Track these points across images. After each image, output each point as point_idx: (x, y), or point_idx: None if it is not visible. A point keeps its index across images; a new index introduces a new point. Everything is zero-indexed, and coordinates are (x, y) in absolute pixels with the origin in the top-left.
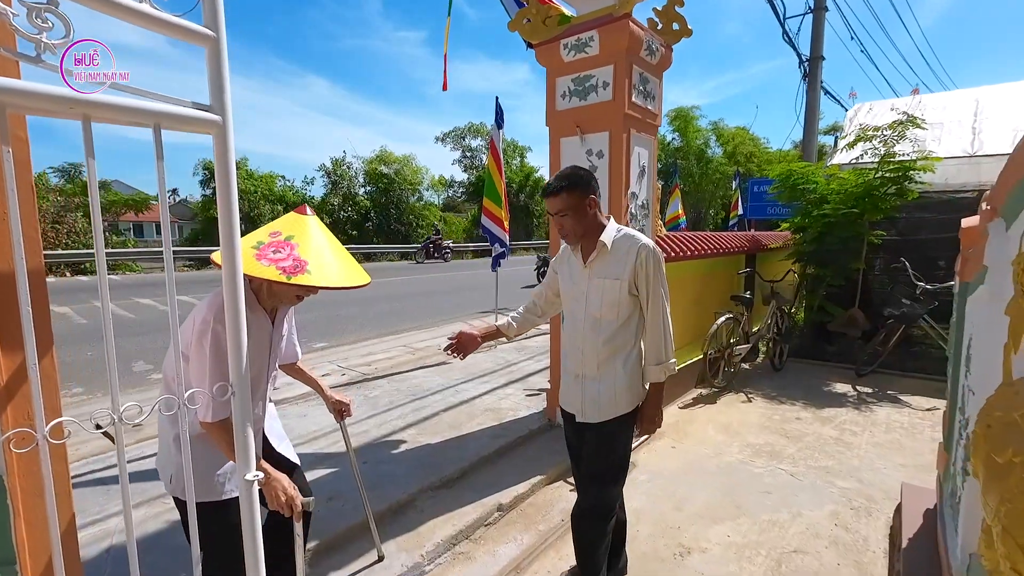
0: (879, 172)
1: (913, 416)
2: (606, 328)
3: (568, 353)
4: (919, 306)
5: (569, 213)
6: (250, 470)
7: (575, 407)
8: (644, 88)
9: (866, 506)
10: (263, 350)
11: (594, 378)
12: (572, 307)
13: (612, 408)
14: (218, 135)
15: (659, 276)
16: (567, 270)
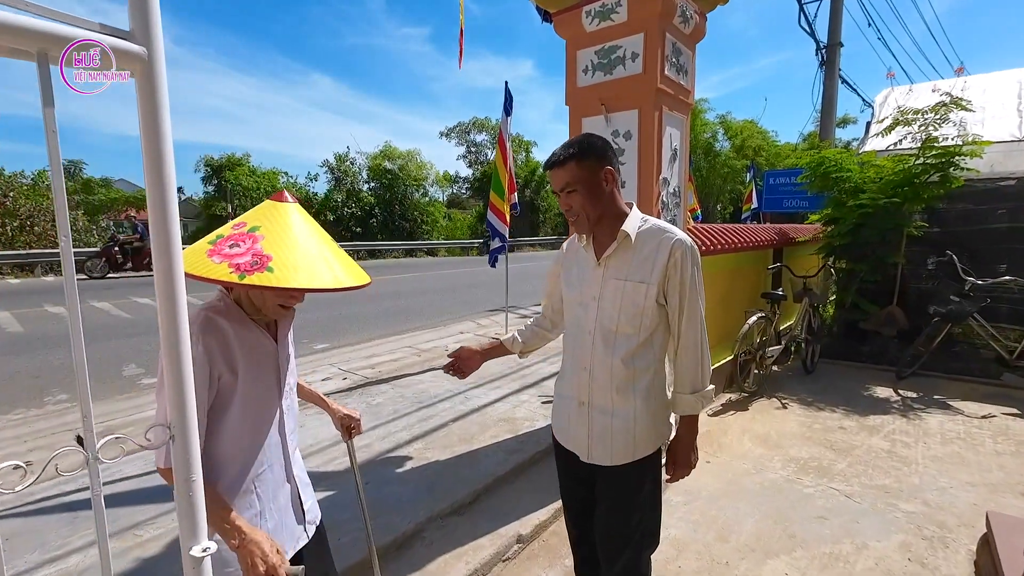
0: (920, 158)
1: (969, 425)
2: (623, 344)
3: (569, 373)
4: (968, 303)
5: (578, 188)
6: (197, 541)
7: (578, 444)
8: (677, 60)
9: (940, 535)
10: (270, 377)
11: (605, 409)
12: (578, 315)
13: (629, 449)
14: (142, 75)
15: (697, 281)
16: (574, 268)
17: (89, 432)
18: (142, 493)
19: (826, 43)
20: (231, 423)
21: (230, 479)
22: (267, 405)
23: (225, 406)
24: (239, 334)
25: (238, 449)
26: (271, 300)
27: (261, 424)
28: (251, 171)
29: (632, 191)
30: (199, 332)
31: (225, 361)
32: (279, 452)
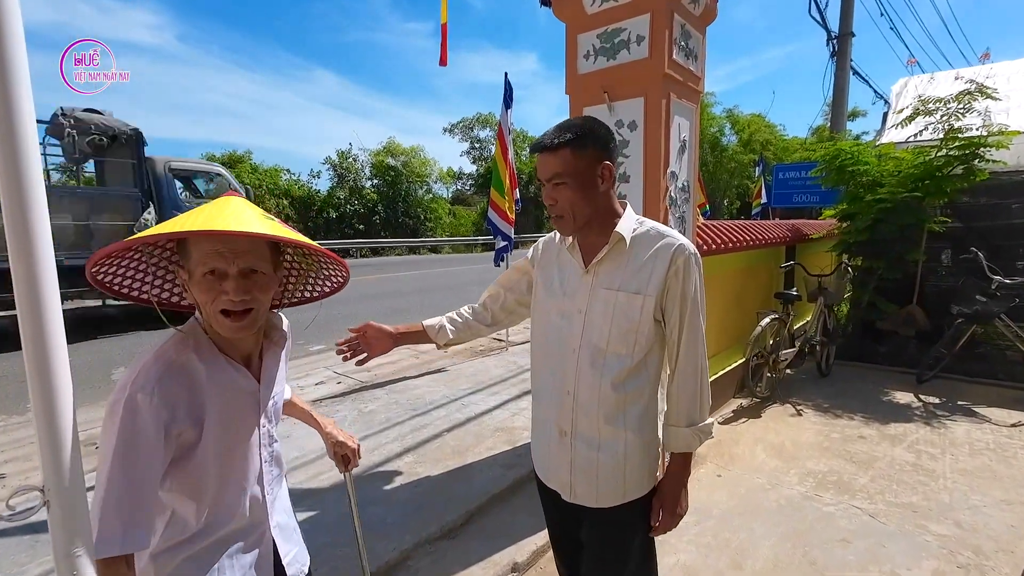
0: (943, 150)
1: (998, 434)
2: (614, 366)
3: (547, 395)
4: (995, 303)
5: (569, 181)
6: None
7: (559, 480)
8: (686, 44)
9: (976, 563)
10: (247, 422)
11: (591, 440)
12: (558, 327)
13: (619, 490)
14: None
15: (700, 295)
16: (554, 273)
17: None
18: None
19: (837, 33)
20: (191, 480)
21: (188, 542)
22: (241, 455)
23: (184, 463)
24: (211, 375)
25: (201, 508)
26: (209, 309)
27: (232, 477)
28: (253, 168)
29: (638, 186)
30: (155, 385)
31: (188, 413)
32: (255, 507)
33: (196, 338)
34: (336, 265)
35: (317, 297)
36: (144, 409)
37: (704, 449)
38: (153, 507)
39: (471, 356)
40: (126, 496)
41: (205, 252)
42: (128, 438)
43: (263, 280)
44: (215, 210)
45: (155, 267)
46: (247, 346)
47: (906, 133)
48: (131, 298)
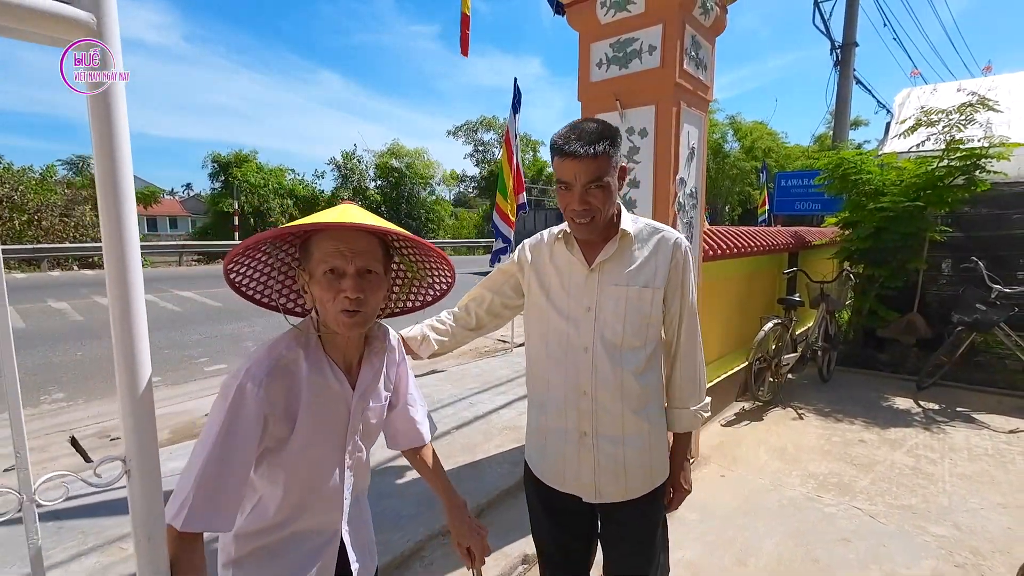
0: (944, 160)
1: (996, 440)
2: (631, 360)
3: (558, 401)
4: (995, 312)
5: (608, 183)
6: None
7: (581, 484)
8: (696, 54)
9: (974, 563)
10: (335, 426)
11: (615, 438)
12: (561, 329)
13: (647, 479)
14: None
15: (695, 283)
16: (551, 276)
17: (23, 469)
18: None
19: (841, 42)
20: (278, 472)
21: (268, 529)
22: (325, 457)
23: (275, 455)
24: (310, 376)
25: (282, 500)
26: (329, 308)
27: (313, 477)
28: (258, 168)
29: (647, 191)
30: (265, 377)
31: (286, 409)
32: (331, 510)
33: (308, 337)
34: (442, 271)
35: (419, 307)
36: (250, 398)
37: (707, 451)
38: (239, 496)
39: (477, 357)
40: (218, 481)
41: (326, 251)
42: (231, 425)
43: (376, 280)
44: (338, 212)
45: (278, 271)
46: (350, 352)
47: (908, 143)
48: (253, 300)
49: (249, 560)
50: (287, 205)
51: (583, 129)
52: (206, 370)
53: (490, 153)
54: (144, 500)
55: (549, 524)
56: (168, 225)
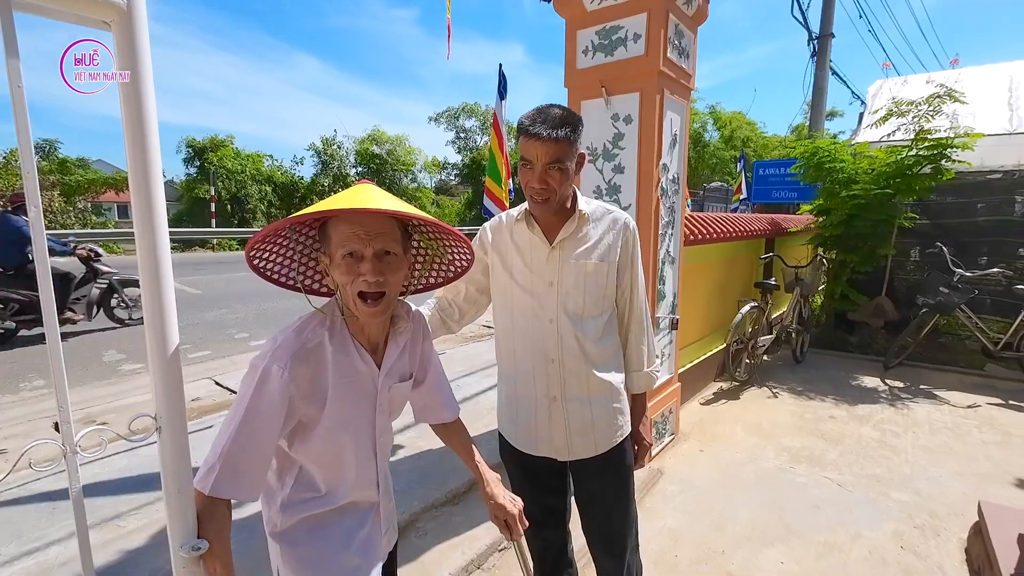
0: (913, 150)
1: (955, 415)
2: (592, 327)
3: (528, 370)
4: (957, 295)
5: (565, 166)
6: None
7: (554, 445)
8: (679, 43)
9: (931, 524)
10: (362, 406)
11: (581, 398)
12: (527, 304)
13: (613, 432)
14: (121, 28)
15: (640, 259)
16: (511, 253)
17: (66, 423)
18: (126, 483)
19: (818, 33)
20: (314, 450)
21: (311, 505)
22: (356, 436)
23: (308, 433)
24: (336, 358)
25: (322, 476)
26: (348, 291)
27: (347, 455)
28: (235, 153)
29: (632, 177)
30: (290, 360)
31: (313, 391)
32: (368, 485)
33: (333, 319)
34: (460, 249)
35: (441, 283)
36: (275, 380)
37: (688, 428)
38: (263, 469)
39: (463, 342)
40: (243, 452)
41: (343, 235)
42: (256, 403)
43: (396, 262)
44: (352, 194)
45: (299, 254)
46: (375, 332)
47: (880, 133)
48: (278, 283)
49: (296, 532)
50: (265, 192)
51: (549, 114)
52: (189, 356)
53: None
54: (173, 454)
55: (529, 487)
56: None
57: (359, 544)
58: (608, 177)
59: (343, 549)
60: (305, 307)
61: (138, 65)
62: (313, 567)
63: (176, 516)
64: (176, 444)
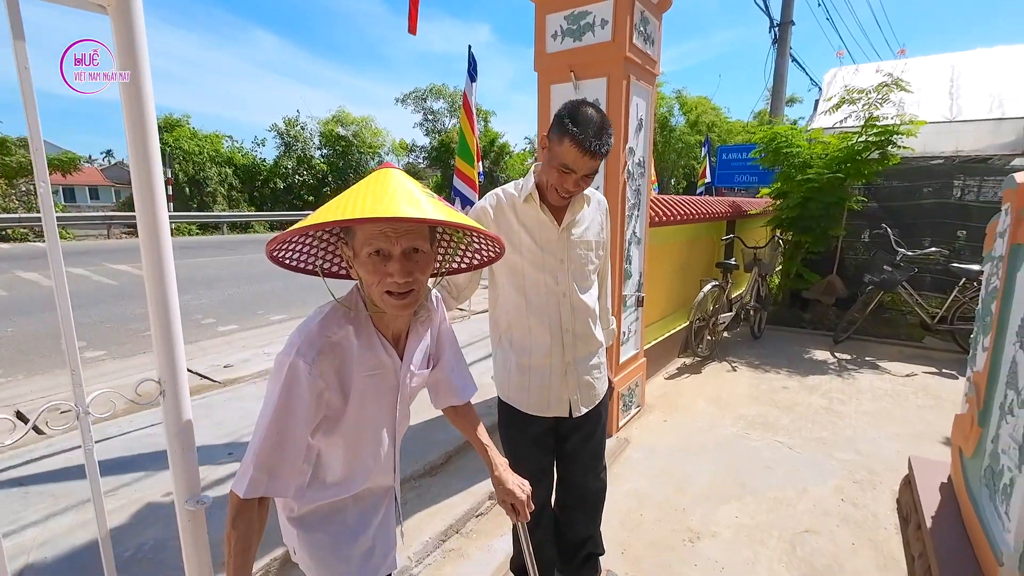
0: (862, 136)
1: (895, 383)
2: (590, 296)
3: (543, 341)
4: (899, 273)
5: (593, 176)
6: (191, 495)
7: (563, 407)
8: (645, 30)
9: (869, 479)
10: (385, 397)
11: (587, 360)
12: (543, 281)
13: (604, 384)
14: (118, 13)
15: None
16: (519, 233)
17: (78, 386)
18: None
19: (779, 21)
20: (338, 441)
21: (330, 492)
22: (378, 426)
23: (332, 426)
24: (361, 352)
25: (340, 465)
26: (374, 290)
27: (367, 444)
28: (192, 134)
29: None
30: (316, 355)
31: (339, 384)
32: (386, 473)
33: (356, 311)
34: (488, 242)
35: (465, 269)
36: (303, 376)
37: (652, 400)
38: (298, 464)
39: None
40: (275, 451)
41: (370, 232)
42: (286, 400)
43: (424, 259)
44: (378, 188)
45: (318, 239)
46: (400, 324)
47: (833, 119)
48: (300, 270)
49: (310, 519)
50: (226, 174)
51: (603, 130)
52: None
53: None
54: (175, 414)
55: (533, 450)
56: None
57: (374, 529)
58: None
59: (358, 534)
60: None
61: (135, 48)
62: (328, 550)
63: (180, 474)
64: (178, 406)
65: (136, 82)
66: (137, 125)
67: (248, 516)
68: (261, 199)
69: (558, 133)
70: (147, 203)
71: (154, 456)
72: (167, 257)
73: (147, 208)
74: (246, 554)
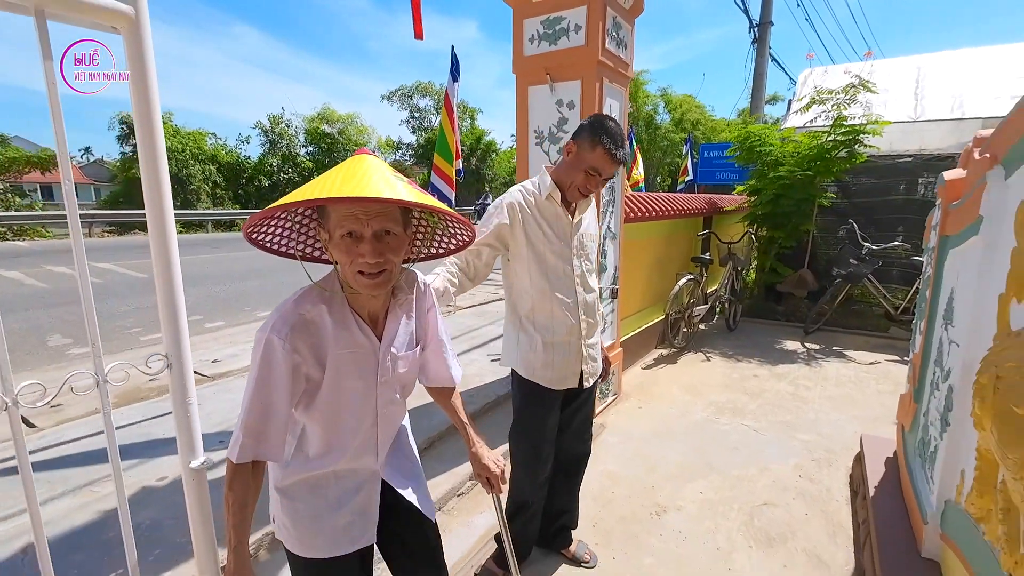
0: (831, 135)
1: (859, 371)
2: (594, 281)
3: (564, 321)
4: (865, 266)
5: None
6: (195, 456)
7: (576, 378)
8: (617, 34)
9: (827, 457)
10: (364, 377)
11: (592, 336)
12: (559, 267)
13: (600, 357)
14: (129, 33)
15: None
16: (541, 225)
17: (98, 357)
18: (91, 455)
19: (758, 21)
20: (316, 416)
21: (310, 465)
22: (356, 404)
23: (310, 400)
24: (336, 330)
25: (320, 438)
26: (347, 270)
27: (346, 420)
28: (175, 131)
29: None
30: (289, 331)
31: (314, 358)
32: (366, 453)
33: (332, 292)
34: (460, 227)
35: (443, 254)
36: (278, 350)
37: (629, 389)
38: (283, 429)
39: None
40: (261, 422)
41: (341, 215)
42: (265, 373)
43: (395, 241)
44: (349, 173)
45: (299, 224)
46: (376, 305)
47: (805, 119)
48: (279, 253)
49: (294, 489)
50: (210, 171)
51: (624, 140)
52: (141, 340)
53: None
54: (180, 384)
55: (550, 416)
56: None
57: (353, 506)
58: (554, 158)
59: (336, 508)
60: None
61: (144, 64)
62: (307, 520)
63: (185, 438)
64: (183, 378)
65: (145, 94)
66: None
67: (243, 479)
68: (246, 197)
69: (590, 142)
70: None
71: (145, 445)
72: (173, 251)
73: (155, 206)
74: (243, 512)
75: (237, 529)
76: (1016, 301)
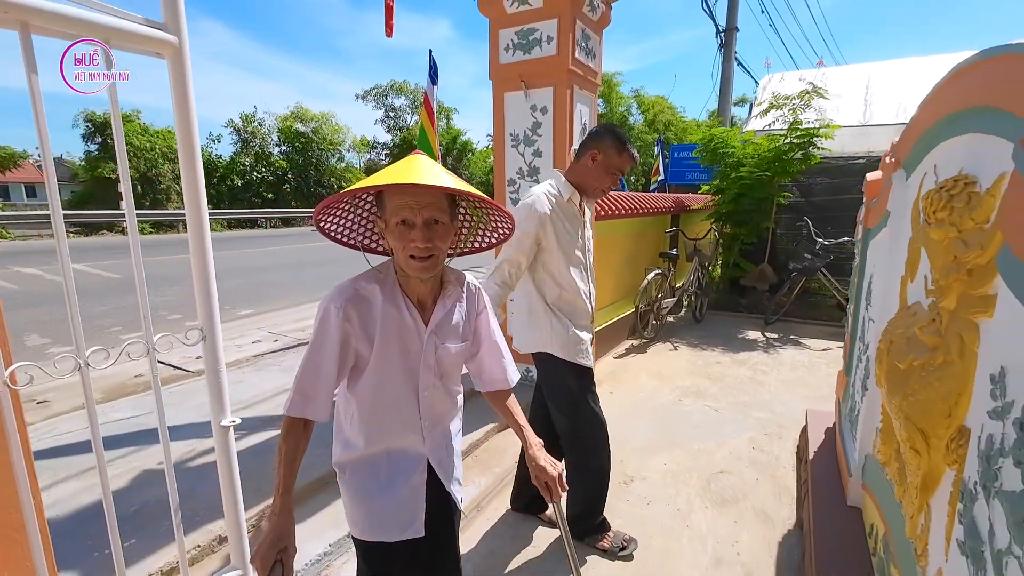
0: (788, 138)
1: (812, 356)
2: (593, 271)
3: (583, 310)
4: (818, 260)
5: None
6: (224, 415)
7: (591, 358)
8: (586, 45)
9: (777, 432)
10: (408, 358)
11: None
12: (581, 260)
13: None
14: (173, 59)
15: None
16: (564, 223)
17: (148, 329)
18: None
19: (724, 27)
20: (365, 391)
21: (363, 442)
22: (401, 383)
23: (360, 374)
24: (385, 309)
25: (370, 418)
26: (400, 254)
27: (392, 401)
28: (143, 129)
29: (548, 159)
30: (344, 302)
31: (364, 332)
32: (411, 435)
33: (386, 275)
34: (502, 219)
35: (485, 247)
36: (332, 318)
37: (601, 376)
38: (328, 392)
39: None
40: (310, 380)
41: (396, 205)
42: (320, 336)
43: (443, 230)
44: (405, 167)
45: (361, 218)
46: (424, 291)
47: (764, 122)
48: (343, 243)
49: (351, 465)
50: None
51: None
52: (122, 338)
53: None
54: (212, 353)
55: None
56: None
57: (405, 488)
58: (529, 160)
59: (388, 487)
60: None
61: (186, 86)
62: (361, 496)
63: (216, 400)
64: (214, 347)
65: (186, 112)
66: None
67: (296, 433)
68: (218, 196)
69: (616, 148)
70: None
71: (142, 434)
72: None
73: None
74: (292, 464)
75: (286, 477)
76: (911, 281)
